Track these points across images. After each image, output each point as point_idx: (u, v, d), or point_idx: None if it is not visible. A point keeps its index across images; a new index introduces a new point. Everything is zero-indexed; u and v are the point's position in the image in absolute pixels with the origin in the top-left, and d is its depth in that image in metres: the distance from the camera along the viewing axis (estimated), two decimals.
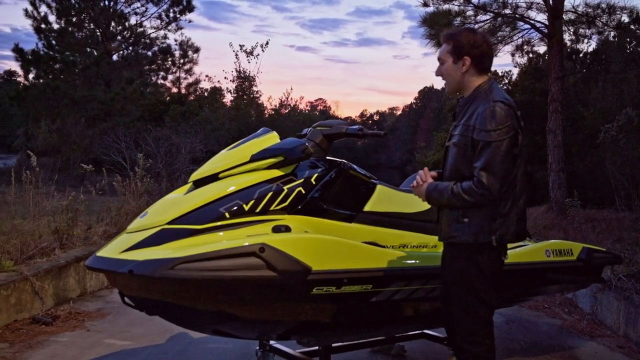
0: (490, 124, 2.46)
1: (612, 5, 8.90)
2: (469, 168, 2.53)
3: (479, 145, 2.48)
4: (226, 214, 2.73)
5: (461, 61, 2.62)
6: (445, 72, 2.69)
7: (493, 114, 2.47)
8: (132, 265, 2.45)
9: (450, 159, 2.64)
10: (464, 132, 2.56)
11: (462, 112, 2.65)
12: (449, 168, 2.65)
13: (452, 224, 2.63)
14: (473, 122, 2.52)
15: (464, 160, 2.56)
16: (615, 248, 5.97)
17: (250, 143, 3.02)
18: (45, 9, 20.32)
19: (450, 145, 2.66)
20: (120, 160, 14.16)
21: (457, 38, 2.64)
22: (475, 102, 2.59)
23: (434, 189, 2.60)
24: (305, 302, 2.78)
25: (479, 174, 2.45)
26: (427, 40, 9.43)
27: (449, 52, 2.66)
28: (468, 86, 2.66)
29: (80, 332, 4.35)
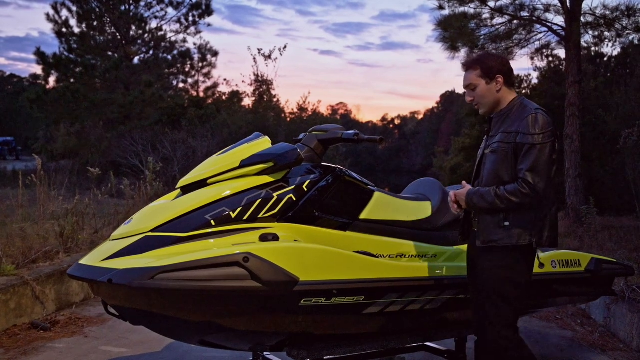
0: (534, 128, 2.62)
1: (631, 7, 8.66)
2: (509, 173, 2.66)
3: (524, 148, 2.61)
4: (212, 222, 2.65)
5: (494, 81, 2.77)
6: (480, 95, 2.81)
7: (536, 120, 2.63)
8: (111, 274, 2.38)
9: (489, 165, 2.74)
10: (504, 139, 2.69)
11: (499, 123, 2.78)
12: (487, 174, 2.74)
13: (492, 229, 2.69)
14: (515, 128, 2.66)
15: (504, 165, 2.67)
16: (631, 257, 5.78)
17: (241, 148, 2.94)
18: (67, 13, 20.58)
19: (487, 154, 2.78)
20: (137, 163, 14.25)
21: (484, 61, 2.80)
22: (512, 113, 2.74)
23: (475, 193, 2.70)
24: (294, 313, 2.68)
25: (524, 175, 2.59)
26: (441, 43, 9.29)
27: (479, 77, 2.79)
28: (503, 102, 2.80)
29: (78, 338, 4.30)
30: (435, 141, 49.90)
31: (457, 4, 9.27)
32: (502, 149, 2.69)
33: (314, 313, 2.71)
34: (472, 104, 2.88)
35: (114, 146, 16.69)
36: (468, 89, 2.84)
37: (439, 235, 3.34)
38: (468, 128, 19.25)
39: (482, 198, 2.66)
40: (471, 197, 2.70)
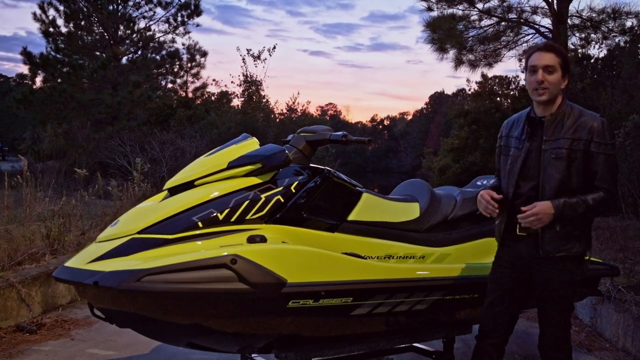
0: (610, 138, 2.63)
1: (617, 10, 8.74)
2: (578, 179, 2.63)
3: (600, 157, 2.60)
4: (199, 223, 2.64)
5: (565, 77, 2.69)
6: (554, 82, 2.65)
7: (608, 128, 2.63)
8: (97, 276, 2.36)
9: (553, 172, 2.64)
10: (571, 146, 2.61)
11: (552, 127, 2.68)
12: (552, 180, 2.64)
13: (563, 238, 2.66)
14: (585, 136, 2.60)
15: (574, 172, 2.63)
16: (617, 257, 5.82)
17: (229, 149, 2.93)
18: (54, 12, 20.42)
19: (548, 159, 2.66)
20: (125, 164, 14.17)
21: (565, 54, 2.72)
22: (569, 117, 2.66)
23: (564, 206, 2.59)
24: (282, 315, 2.68)
25: (610, 185, 2.61)
26: (430, 44, 9.32)
27: (559, 64, 2.66)
28: (556, 101, 2.70)
29: (64, 340, 4.27)
30: (424, 142, 50.09)
31: (445, 5, 9.32)
32: (570, 156, 2.62)
33: (302, 315, 2.71)
34: (538, 85, 2.65)
35: (101, 147, 16.55)
36: (545, 69, 2.64)
37: (427, 236, 3.35)
38: (457, 129, 19.34)
39: (574, 210, 2.59)
40: (562, 209, 2.58)
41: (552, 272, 2.70)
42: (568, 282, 2.72)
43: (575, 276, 2.74)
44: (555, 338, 2.75)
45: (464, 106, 20.17)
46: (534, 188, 2.70)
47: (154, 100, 19.87)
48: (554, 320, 2.74)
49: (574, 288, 2.76)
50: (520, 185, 2.75)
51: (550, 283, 2.71)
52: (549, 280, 2.71)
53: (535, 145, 2.72)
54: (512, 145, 2.83)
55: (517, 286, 2.82)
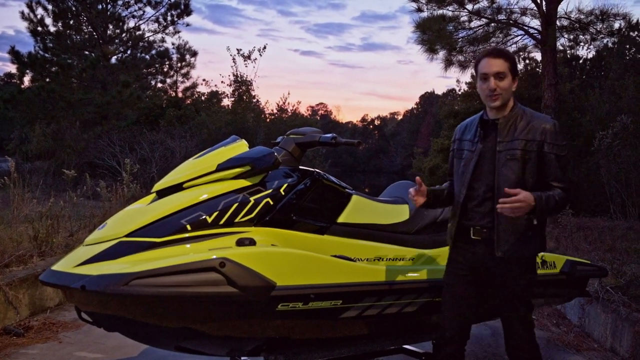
0: (562, 139, 2.69)
1: (605, 12, 8.79)
2: (533, 180, 2.65)
3: (554, 158, 2.65)
4: (188, 226, 2.62)
5: (515, 80, 2.75)
6: (505, 88, 2.70)
7: (561, 130, 2.69)
8: (85, 280, 2.34)
9: (508, 172, 2.66)
10: (525, 147, 2.65)
11: (506, 129, 2.71)
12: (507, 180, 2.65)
13: (517, 238, 2.68)
14: (538, 137, 2.65)
15: (528, 172, 2.65)
16: (605, 258, 5.86)
17: (217, 152, 2.92)
18: (42, 11, 20.27)
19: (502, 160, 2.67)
20: (114, 164, 14.09)
21: (512, 57, 2.76)
22: (522, 119, 2.70)
23: (540, 197, 2.57)
24: (271, 318, 2.67)
25: (565, 184, 2.66)
26: (420, 45, 9.34)
27: (509, 69, 2.71)
28: (508, 104, 2.74)
29: (52, 343, 4.24)
30: (414, 142, 50.19)
31: (435, 6, 9.33)
32: (524, 157, 2.65)
33: (291, 318, 2.70)
34: (491, 92, 2.67)
35: (90, 147, 16.45)
36: (496, 76, 2.67)
37: (416, 238, 3.35)
38: (447, 129, 19.37)
39: (547, 204, 2.58)
40: (540, 202, 2.55)
41: (507, 273, 2.72)
42: (524, 282, 2.75)
43: (530, 276, 2.78)
44: (520, 339, 2.77)
45: (454, 106, 20.20)
46: (489, 189, 2.71)
47: (143, 100, 19.76)
48: (516, 322, 2.77)
49: (530, 288, 2.79)
50: (474, 187, 2.76)
51: (507, 285, 2.74)
52: (506, 282, 2.74)
53: (489, 147, 2.74)
54: (465, 148, 2.85)
55: (473, 289, 2.83)
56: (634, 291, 4.49)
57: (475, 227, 2.75)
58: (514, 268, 2.72)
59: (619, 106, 11.83)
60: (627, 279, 4.74)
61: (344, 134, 53.26)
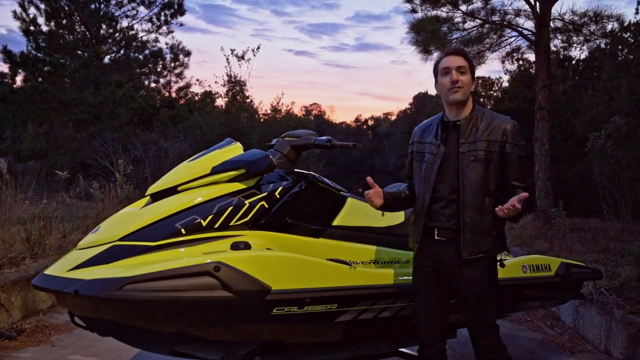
0: (521, 139, 2.72)
1: (598, 14, 8.82)
2: (496, 181, 2.68)
3: (515, 158, 2.68)
4: (182, 230, 2.60)
5: (473, 80, 2.80)
6: (467, 81, 2.74)
7: (520, 130, 2.72)
8: (78, 285, 2.32)
9: (472, 174, 2.67)
10: (487, 147, 2.67)
11: (469, 130, 2.72)
12: (472, 182, 2.67)
13: (482, 239, 2.68)
14: (500, 138, 2.67)
15: (492, 173, 2.67)
16: (599, 259, 5.87)
17: (212, 154, 2.90)
18: (35, 11, 20.16)
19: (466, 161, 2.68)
20: (108, 164, 14.02)
21: (471, 60, 2.82)
22: (482, 120, 2.73)
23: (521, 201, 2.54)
24: (266, 322, 2.65)
25: (527, 183, 2.70)
26: (414, 46, 9.34)
27: (468, 68, 2.76)
28: (468, 105, 2.77)
29: (45, 347, 4.21)
30: (408, 142, 50.10)
31: (429, 7, 9.33)
32: (487, 157, 2.67)
33: (286, 322, 2.68)
34: (453, 85, 2.70)
35: (83, 147, 16.37)
36: (458, 70, 2.71)
37: None
38: None
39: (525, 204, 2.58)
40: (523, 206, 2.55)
41: (474, 274, 2.72)
42: (489, 282, 2.76)
43: (494, 276, 2.81)
44: (490, 341, 2.77)
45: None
46: (454, 191, 2.71)
47: (136, 100, 19.68)
48: (483, 323, 2.76)
49: (495, 288, 2.80)
50: (439, 189, 2.76)
51: (473, 285, 2.73)
52: (472, 283, 2.73)
53: (452, 149, 2.75)
54: (427, 150, 2.84)
55: (442, 292, 2.83)
56: (628, 293, 4.50)
57: (440, 228, 2.75)
58: (480, 268, 2.72)
59: (612, 107, 11.84)
60: (622, 280, 4.75)
61: (337, 134, 53.29)
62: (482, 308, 2.75)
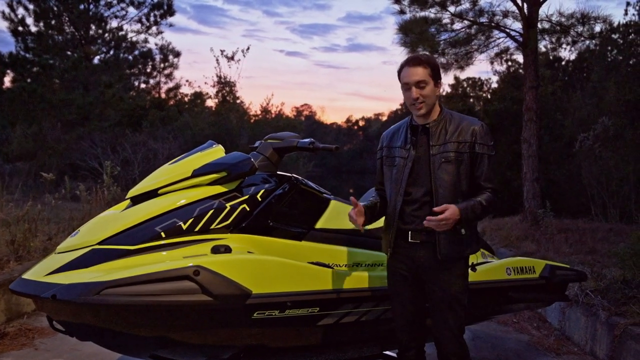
0: (490, 139, 2.74)
1: (585, 15, 8.85)
2: (467, 182, 2.70)
3: (484, 158, 2.70)
4: (162, 234, 2.58)
5: (438, 84, 2.76)
6: (428, 95, 2.71)
7: (488, 131, 2.74)
8: (55, 289, 2.29)
9: (444, 175, 2.68)
10: (458, 149, 2.68)
11: (438, 132, 2.73)
12: (444, 184, 2.68)
13: (453, 240, 2.68)
14: (469, 139, 2.69)
15: (463, 174, 2.69)
16: (586, 261, 5.89)
17: (193, 157, 2.88)
18: (23, 11, 20.06)
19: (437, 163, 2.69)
20: (96, 165, 13.95)
21: (433, 62, 2.76)
22: (450, 122, 2.74)
23: (466, 209, 2.61)
24: (247, 326, 2.64)
25: (493, 184, 2.71)
26: (402, 47, 9.35)
27: (430, 76, 2.71)
28: (435, 109, 2.77)
29: (27, 350, 4.16)
30: None
31: (417, 8, 9.33)
32: (457, 159, 2.68)
33: (268, 325, 2.67)
34: (414, 101, 2.70)
35: (72, 148, 16.28)
36: (417, 85, 2.69)
37: None
38: None
39: (474, 212, 2.63)
40: (467, 213, 2.60)
41: (447, 275, 2.72)
42: (462, 285, 2.76)
43: (466, 279, 2.80)
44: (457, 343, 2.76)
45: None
46: (426, 193, 2.71)
47: (126, 101, 19.60)
48: (452, 325, 2.74)
49: (466, 289, 2.79)
50: (411, 193, 2.75)
51: (447, 287, 2.72)
52: (445, 284, 2.72)
53: (422, 152, 2.75)
54: (397, 155, 2.84)
55: (419, 294, 2.82)
56: (613, 295, 4.50)
57: (413, 230, 2.74)
58: (453, 270, 2.73)
59: (601, 108, 11.91)
60: (607, 282, 4.75)
61: (328, 135, 53.28)
62: (453, 310, 2.73)
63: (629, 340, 3.87)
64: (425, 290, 2.79)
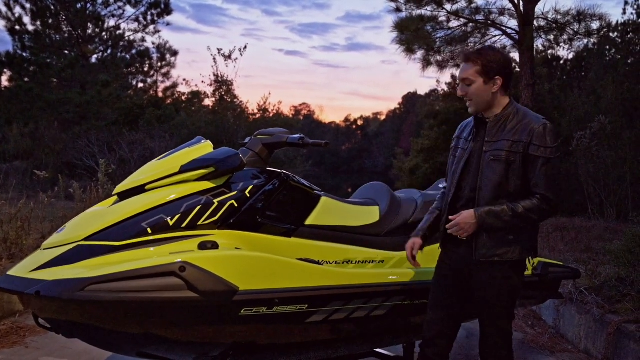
0: (551, 141, 2.54)
1: (581, 12, 8.83)
2: (515, 183, 2.56)
3: (539, 161, 2.53)
4: (148, 229, 2.55)
5: (492, 81, 2.60)
6: (475, 93, 2.63)
7: (550, 131, 2.55)
8: (39, 286, 2.26)
9: (490, 174, 2.59)
10: (510, 148, 2.55)
11: (495, 128, 2.63)
12: (489, 183, 2.59)
13: (495, 243, 2.58)
14: (525, 138, 2.54)
15: (511, 175, 2.56)
16: (581, 259, 5.86)
17: (181, 153, 2.85)
18: (20, 10, 20.02)
19: (486, 161, 2.60)
20: (93, 164, 13.92)
21: (486, 58, 2.61)
22: (512, 119, 2.61)
23: (488, 214, 2.55)
24: (234, 323, 2.61)
25: (545, 191, 2.52)
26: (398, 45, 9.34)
27: (478, 73, 2.61)
28: (496, 105, 2.65)
29: (18, 348, 4.14)
30: (397, 142, 50.24)
31: (414, 6, 9.32)
32: (508, 158, 2.56)
33: (255, 322, 2.64)
34: (463, 98, 2.69)
35: (69, 147, 16.25)
36: (463, 83, 2.65)
37: (387, 240, 3.30)
38: (427, 130, 19.41)
39: (498, 218, 2.53)
40: (484, 218, 2.53)
41: (487, 278, 2.65)
42: (504, 289, 2.66)
43: (511, 283, 2.67)
44: (495, 345, 2.72)
45: (435, 107, 20.25)
46: (473, 190, 2.65)
47: (123, 100, 19.57)
48: (493, 328, 2.70)
49: (512, 295, 2.70)
50: (462, 187, 2.71)
51: (485, 289, 2.67)
52: (485, 287, 2.67)
53: (478, 147, 2.68)
54: (460, 146, 2.80)
55: (457, 291, 2.78)
56: (607, 292, 4.49)
57: None
58: (494, 273, 2.64)
59: (599, 106, 11.89)
60: (602, 280, 4.74)
61: (327, 134, 53.27)
62: (491, 314, 2.68)
63: (623, 338, 3.85)
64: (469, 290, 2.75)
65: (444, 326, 2.80)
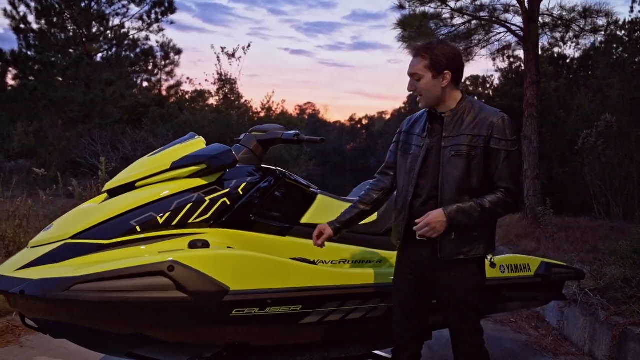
0: (510, 133, 2.50)
1: (587, 9, 8.71)
2: (478, 178, 2.50)
3: (501, 154, 2.48)
4: (137, 228, 2.48)
5: (441, 76, 2.53)
6: (424, 88, 2.56)
7: (510, 124, 2.51)
8: (24, 285, 2.20)
9: (452, 170, 2.51)
10: (471, 142, 2.49)
11: (452, 124, 2.55)
12: (452, 179, 2.50)
13: (461, 240, 2.51)
14: (485, 132, 2.48)
15: (473, 170, 2.50)
16: (586, 259, 5.77)
17: (173, 149, 2.78)
18: (25, 9, 20.04)
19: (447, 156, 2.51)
20: (96, 163, 13.90)
21: (434, 52, 2.54)
22: (469, 112, 2.54)
23: (458, 212, 2.46)
24: (226, 324, 2.53)
25: (508, 184, 2.49)
26: (401, 42, 9.24)
27: (426, 68, 2.53)
28: (449, 99, 2.58)
29: (13, 347, 4.09)
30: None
31: (417, 3, 9.22)
32: (469, 153, 2.48)
33: (247, 324, 2.57)
34: (413, 93, 2.61)
35: (72, 145, 16.24)
36: (412, 78, 2.58)
37: (384, 239, 3.23)
38: None
39: (468, 215, 2.46)
40: (454, 216, 2.45)
41: (452, 276, 2.57)
42: (469, 286, 2.59)
43: (476, 280, 2.62)
44: (469, 346, 2.63)
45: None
46: (434, 187, 2.55)
47: (127, 98, 19.55)
48: (463, 328, 2.62)
49: (479, 292, 2.63)
50: (420, 185, 2.59)
51: (453, 289, 2.58)
52: (450, 286, 2.58)
53: (435, 142, 2.59)
54: (413, 142, 2.68)
55: (422, 296, 2.69)
56: (613, 294, 4.39)
57: None
58: (458, 271, 2.56)
59: (605, 105, 11.78)
60: (607, 281, 4.64)
61: (331, 134, 53.18)
62: (461, 313, 2.60)
63: (628, 340, 3.76)
64: (433, 289, 2.66)
65: (415, 332, 2.73)
